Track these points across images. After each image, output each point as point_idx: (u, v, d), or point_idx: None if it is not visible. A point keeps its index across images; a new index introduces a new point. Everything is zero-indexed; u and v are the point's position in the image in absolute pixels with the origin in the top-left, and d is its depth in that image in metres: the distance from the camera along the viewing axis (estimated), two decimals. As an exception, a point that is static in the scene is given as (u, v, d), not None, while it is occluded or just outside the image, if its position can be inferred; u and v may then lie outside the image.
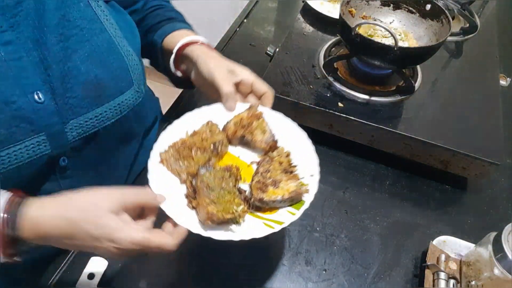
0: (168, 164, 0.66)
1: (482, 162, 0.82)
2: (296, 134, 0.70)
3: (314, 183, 0.63)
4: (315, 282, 0.73)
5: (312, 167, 0.65)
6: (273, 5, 1.40)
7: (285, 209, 0.62)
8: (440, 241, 0.76)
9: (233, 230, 0.59)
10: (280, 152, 0.68)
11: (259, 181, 0.63)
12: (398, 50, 0.81)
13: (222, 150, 0.69)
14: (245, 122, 0.71)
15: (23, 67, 0.59)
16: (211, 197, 0.59)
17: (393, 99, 0.93)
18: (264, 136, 0.70)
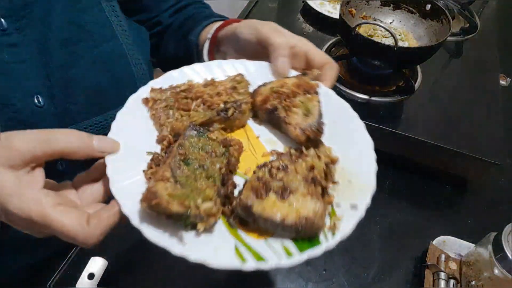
0: (154, 108, 0.49)
1: (482, 162, 0.82)
2: (358, 138, 0.49)
3: (351, 220, 0.41)
4: (315, 282, 0.73)
5: (361, 195, 0.43)
6: (273, 5, 1.40)
7: (281, 241, 0.40)
8: (440, 241, 0.76)
9: (180, 236, 0.39)
10: (321, 153, 0.46)
11: (260, 179, 0.42)
12: (398, 50, 0.81)
13: (235, 115, 0.49)
14: (287, 91, 0.50)
15: (25, 70, 0.58)
16: (177, 172, 0.40)
17: (393, 99, 0.93)
18: (305, 120, 0.47)
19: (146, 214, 0.39)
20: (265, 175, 0.42)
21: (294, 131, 0.47)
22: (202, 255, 0.37)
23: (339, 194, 0.44)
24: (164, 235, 0.38)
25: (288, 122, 0.48)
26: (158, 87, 0.52)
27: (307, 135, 0.46)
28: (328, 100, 0.52)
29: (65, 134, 0.41)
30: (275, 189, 0.40)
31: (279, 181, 0.41)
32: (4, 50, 0.56)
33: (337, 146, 0.48)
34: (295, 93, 0.50)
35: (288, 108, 0.49)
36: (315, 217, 0.39)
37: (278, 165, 0.43)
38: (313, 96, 0.50)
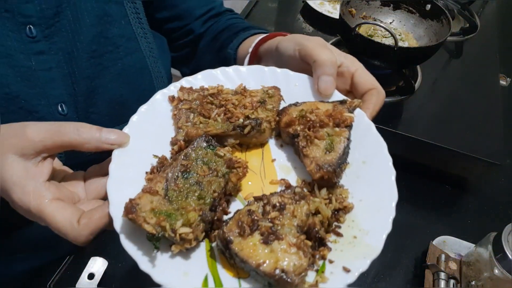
0: (177, 107, 0.47)
1: (482, 162, 0.82)
2: (384, 188, 0.45)
3: (336, 285, 0.36)
4: (315, 282, 0.73)
5: (360, 258, 0.38)
6: (273, 5, 1.40)
7: (256, 284, 0.37)
8: (440, 241, 0.76)
9: (154, 254, 0.37)
10: (335, 196, 0.42)
11: (250, 213, 0.39)
12: (398, 50, 0.81)
13: (252, 134, 0.46)
14: (314, 119, 0.45)
15: (51, 78, 0.59)
16: (171, 184, 0.39)
17: (393, 100, 0.93)
18: (324, 156, 0.43)
19: (129, 224, 0.38)
20: (257, 211, 0.39)
21: (310, 166, 0.42)
22: (167, 278, 0.36)
23: (338, 251, 0.39)
24: (139, 248, 0.37)
25: (306, 154, 0.43)
26: (188, 86, 0.50)
27: (321, 174, 0.41)
28: (365, 134, 0.46)
29: (75, 127, 0.41)
30: (262, 229, 0.37)
31: (269, 221, 0.38)
32: (31, 57, 0.57)
33: (356, 191, 0.43)
34: (323, 124, 0.45)
35: (310, 139, 0.44)
36: (293, 273, 0.35)
37: (276, 201, 0.39)
38: (342, 130, 0.44)
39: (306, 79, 0.52)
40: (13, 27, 0.55)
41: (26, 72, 0.57)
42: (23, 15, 0.55)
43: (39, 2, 0.56)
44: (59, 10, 0.58)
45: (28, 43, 0.56)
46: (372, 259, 0.38)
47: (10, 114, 0.57)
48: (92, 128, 0.42)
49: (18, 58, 0.56)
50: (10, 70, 0.56)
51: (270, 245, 0.36)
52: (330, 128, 0.45)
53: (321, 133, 0.44)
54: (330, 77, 0.49)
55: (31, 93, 0.58)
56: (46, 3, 0.56)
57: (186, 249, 0.38)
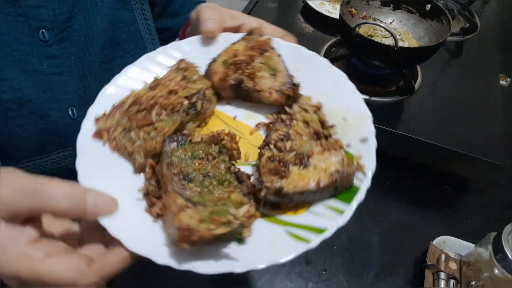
0: (111, 138, 0.41)
1: (482, 162, 0.82)
2: (330, 75, 0.46)
3: (370, 152, 0.42)
4: (315, 282, 0.73)
5: (362, 125, 0.42)
6: (273, 5, 1.40)
7: (324, 204, 0.38)
8: (440, 241, 0.76)
9: (231, 254, 0.36)
10: (304, 105, 0.44)
11: (273, 158, 0.39)
12: (398, 50, 0.81)
13: (204, 107, 0.44)
14: (242, 58, 0.45)
15: (63, 82, 0.60)
16: (186, 193, 0.35)
17: (393, 100, 0.93)
18: (275, 80, 0.44)
19: (177, 252, 0.35)
20: (274, 153, 0.39)
21: (271, 96, 0.43)
22: (264, 259, 0.34)
23: (343, 135, 0.42)
24: (211, 262, 0.35)
25: (260, 89, 0.44)
26: (101, 114, 0.44)
27: (286, 94, 0.43)
28: (286, 50, 0.48)
29: (55, 188, 0.35)
30: (291, 161, 0.38)
31: (291, 152, 0.39)
32: (44, 61, 0.58)
33: (314, 91, 0.46)
34: (252, 57, 0.45)
35: (253, 76, 0.44)
36: (343, 167, 0.38)
37: (276, 137, 0.40)
38: (271, 52, 0.46)
39: (196, 40, 0.51)
40: (26, 31, 0.55)
41: (38, 77, 0.58)
42: (37, 19, 0.56)
43: (52, 7, 0.56)
44: (72, 15, 0.59)
45: (40, 47, 0.57)
46: (371, 121, 0.44)
47: (21, 119, 0.58)
48: (76, 192, 0.35)
49: (31, 63, 0.57)
50: (23, 74, 0.56)
51: (309, 166, 0.38)
52: (260, 57, 0.46)
53: (257, 65, 0.45)
54: (210, 22, 0.50)
55: (43, 98, 0.58)
56: (59, 8, 0.57)
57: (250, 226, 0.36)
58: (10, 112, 0.56)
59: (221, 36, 0.51)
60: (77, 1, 0.59)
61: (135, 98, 0.43)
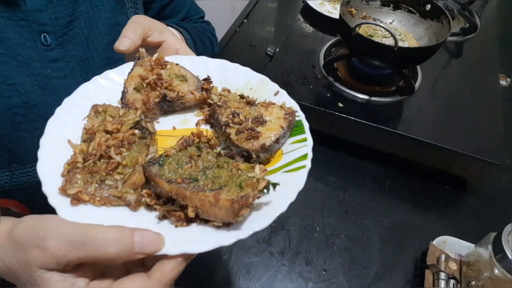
0: (93, 196, 0.40)
1: (482, 162, 0.82)
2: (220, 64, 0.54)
3: (285, 97, 0.51)
4: (315, 282, 0.73)
5: (265, 84, 0.52)
6: (273, 5, 1.40)
7: (288, 144, 0.47)
8: (440, 241, 0.76)
9: (263, 205, 0.40)
10: (218, 92, 0.52)
11: (240, 130, 0.46)
12: (398, 51, 0.81)
13: (150, 127, 0.46)
14: (153, 78, 0.49)
15: (67, 85, 0.60)
16: (205, 188, 0.39)
17: (393, 100, 0.93)
18: (188, 83, 0.50)
19: (226, 230, 0.39)
20: (237, 126, 0.47)
21: (194, 96, 0.49)
22: (290, 194, 0.40)
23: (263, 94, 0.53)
24: (250, 224, 0.39)
25: (183, 95, 0.49)
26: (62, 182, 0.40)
27: (205, 89, 0.50)
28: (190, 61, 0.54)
29: (103, 235, 0.35)
30: (254, 124, 0.47)
31: (246, 119, 0.47)
32: (47, 65, 0.58)
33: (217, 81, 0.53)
34: (159, 74, 0.49)
35: (170, 87, 0.49)
36: (285, 110, 0.49)
37: (228, 116, 0.48)
38: (170, 64, 0.51)
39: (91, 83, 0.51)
40: (28, 36, 0.56)
41: (42, 81, 0.58)
42: (38, 23, 0.56)
43: (53, 11, 0.57)
44: (73, 19, 0.59)
45: (43, 51, 0.58)
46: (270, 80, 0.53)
47: (29, 123, 0.58)
48: (124, 237, 0.35)
49: (35, 67, 0.57)
50: (28, 79, 0.57)
51: (267, 121, 0.47)
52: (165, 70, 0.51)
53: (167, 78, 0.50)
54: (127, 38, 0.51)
55: (48, 101, 0.59)
56: (60, 11, 0.58)
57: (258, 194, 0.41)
58: (17, 117, 0.57)
59: None
60: (77, 5, 0.59)
61: (83, 155, 0.42)
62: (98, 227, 0.35)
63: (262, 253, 0.76)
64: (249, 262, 0.74)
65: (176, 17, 0.85)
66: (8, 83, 0.55)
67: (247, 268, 0.74)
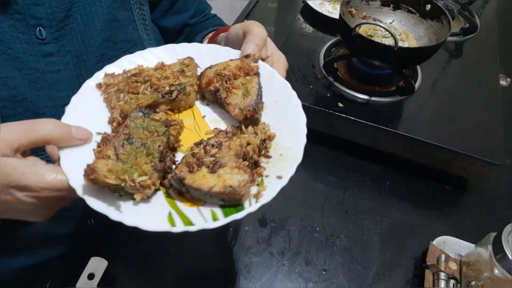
0: (107, 92, 0.52)
1: (482, 162, 0.82)
2: (294, 115, 0.52)
3: (274, 188, 0.44)
4: (315, 282, 0.73)
5: (288, 166, 0.46)
6: (273, 5, 1.40)
7: (211, 208, 0.45)
8: (440, 241, 0.76)
9: (119, 205, 0.43)
10: (259, 130, 0.51)
11: (194, 155, 0.46)
12: (398, 51, 0.81)
13: (180, 97, 0.52)
14: (228, 73, 0.53)
15: (59, 80, 0.60)
16: (120, 150, 0.45)
17: (393, 100, 0.93)
18: (244, 100, 0.51)
19: (90, 187, 0.42)
20: (200, 151, 0.47)
21: (234, 111, 0.51)
22: (137, 220, 0.41)
23: (270, 167, 0.48)
24: (105, 203, 0.42)
25: (229, 102, 0.52)
26: (111, 72, 0.54)
27: (244, 114, 0.50)
28: (271, 80, 0.55)
29: (46, 124, 0.43)
30: (207, 163, 0.45)
31: (211, 156, 0.46)
32: (40, 59, 0.58)
33: (274, 123, 0.52)
34: (236, 76, 0.53)
35: (229, 90, 0.52)
36: (239, 186, 0.43)
37: (213, 142, 0.48)
38: (252, 78, 0.53)
39: (214, 48, 0.60)
40: (23, 29, 0.56)
41: (34, 75, 0.58)
42: (34, 17, 0.56)
43: (50, 5, 0.57)
44: (70, 13, 0.59)
45: (37, 45, 0.57)
46: (297, 164, 0.46)
47: (17, 117, 0.58)
48: (62, 125, 0.44)
49: (27, 61, 0.57)
50: (18, 72, 0.56)
51: (216, 172, 0.44)
52: (242, 78, 0.53)
53: (236, 83, 0.53)
54: (254, 47, 0.56)
55: (38, 96, 0.59)
56: (57, 5, 0.57)
57: (147, 196, 0.44)
58: (5, 111, 0.56)
59: (224, 50, 0.59)
60: (75, 0, 0.59)
61: (139, 71, 0.53)
62: (40, 119, 0.43)
63: (262, 253, 0.76)
64: (249, 262, 0.74)
65: (188, 12, 0.84)
66: None
67: (247, 268, 0.74)
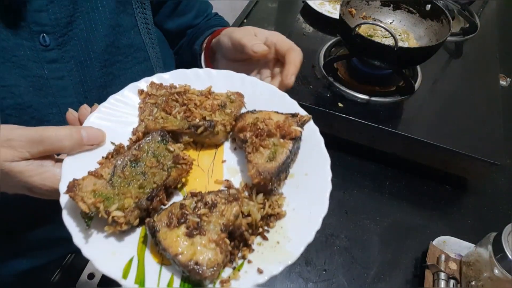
0: (145, 102, 0.51)
1: (482, 162, 0.82)
2: (317, 201, 0.45)
3: (246, 284, 0.39)
4: (315, 282, 0.73)
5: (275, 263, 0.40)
6: (273, 5, 1.40)
7: (174, 274, 0.40)
8: (440, 241, 0.76)
9: (90, 231, 0.40)
10: (270, 202, 0.44)
11: (182, 207, 0.41)
12: (398, 51, 0.81)
13: (204, 134, 0.49)
14: (263, 128, 0.48)
15: (64, 87, 0.60)
16: (118, 171, 0.43)
17: (393, 100, 0.93)
18: (265, 163, 0.45)
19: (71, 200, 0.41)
20: (189, 206, 0.42)
21: (251, 171, 0.45)
22: (94, 254, 0.39)
23: (259, 252, 0.42)
24: (77, 224, 0.40)
25: (250, 159, 0.46)
26: (159, 83, 0.53)
27: (258, 180, 0.44)
28: (313, 149, 0.49)
29: (56, 134, 0.43)
30: (189, 223, 0.40)
31: (197, 216, 0.40)
32: (44, 66, 0.58)
33: (292, 199, 0.45)
34: (270, 133, 0.47)
35: (256, 146, 0.46)
36: (206, 266, 0.38)
37: (209, 199, 0.42)
38: (286, 142, 0.47)
39: (272, 89, 0.54)
40: (27, 36, 0.56)
41: (38, 82, 0.58)
42: (38, 23, 0.56)
43: (53, 11, 0.57)
44: (73, 19, 0.59)
45: (41, 52, 0.57)
46: (286, 265, 0.40)
47: (22, 124, 0.57)
48: (73, 133, 0.44)
49: (31, 68, 0.57)
50: (23, 80, 0.56)
51: (192, 238, 0.39)
52: (276, 138, 0.47)
53: (267, 142, 0.47)
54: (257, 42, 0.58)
55: (43, 103, 0.59)
56: (60, 12, 0.57)
57: (119, 231, 0.40)
58: (10, 119, 0.57)
59: (279, 96, 0.54)
60: (77, 6, 0.59)
61: (184, 90, 0.52)
62: (50, 128, 0.43)
63: (262, 253, 0.76)
64: (249, 262, 0.74)
65: (191, 13, 0.84)
66: (2, 84, 0.55)
67: (247, 268, 0.74)
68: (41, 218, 0.69)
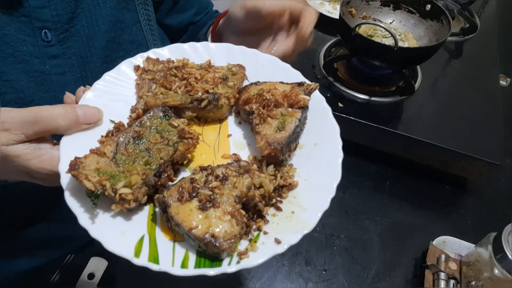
0: (142, 78, 0.49)
1: (482, 162, 0.82)
2: (329, 169, 0.43)
3: (264, 255, 0.38)
4: (315, 282, 0.73)
5: (293, 232, 0.39)
6: (273, 5, 1.40)
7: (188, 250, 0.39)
8: (440, 241, 0.76)
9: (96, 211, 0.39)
10: (281, 173, 0.43)
11: (193, 181, 0.40)
12: (398, 51, 0.81)
13: (209, 108, 0.47)
14: (270, 99, 0.46)
15: (65, 82, 0.60)
16: (121, 148, 0.41)
17: (393, 100, 0.93)
18: (274, 134, 0.44)
19: (73, 180, 0.39)
20: (200, 180, 0.40)
21: (260, 142, 0.43)
22: (103, 235, 0.37)
23: (274, 223, 0.40)
24: (82, 205, 0.39)
25: (258, 131, 0.44)
26: (155, 58, 0.51)
27: (269, 151, 0.43)
28: (321, 118, 0.48)
29: (50, 113, 0.42)
30: (201, 196, 0.39)
31: (209, 190, 0.39)
32: (46, 61, 0.58)
33: (304, 169, 0.44)
34: (278, 103, 0.46)
35: (263, 117, 0.45)
36: (222, 238, 0.37)
37: (219, 173, 0.41)
38: (294, 111, 0.45)
39: (274, 61, 0.53)
40: (29, 32, 0.56)
41: (40, 77, 0.58)
42: (40, 19, 0.56)
43: (55, 7, 0.57)
44: (74, 16, 0.59)
45: (43, 48, 0.57)
46: (304, 233, 0.39)
47: None
48: (68, 112, 0.43)
49: (33, 63, 0.57)
50: (25, 75, 0.57)
51: (206, 211, 0.38)
52: (284, 108, 0.46)
53: (274, 112, 0.45)
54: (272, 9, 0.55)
55: (45, 98, 0.59)
56: (62, 8, 0.58)
57: (126, 210, 0.39)
58: None
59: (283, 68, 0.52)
60: (79, 2, 0.59)
61: (182, 64, 0.50)
62: (44, 107, 0.41)
63: (262, 253, 0.76)
64: (249, 262, 0.74)
65: (191, 10, 0.84)
66: (5, 79, 0.55)
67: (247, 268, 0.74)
68: (41, 218, 0.69)
